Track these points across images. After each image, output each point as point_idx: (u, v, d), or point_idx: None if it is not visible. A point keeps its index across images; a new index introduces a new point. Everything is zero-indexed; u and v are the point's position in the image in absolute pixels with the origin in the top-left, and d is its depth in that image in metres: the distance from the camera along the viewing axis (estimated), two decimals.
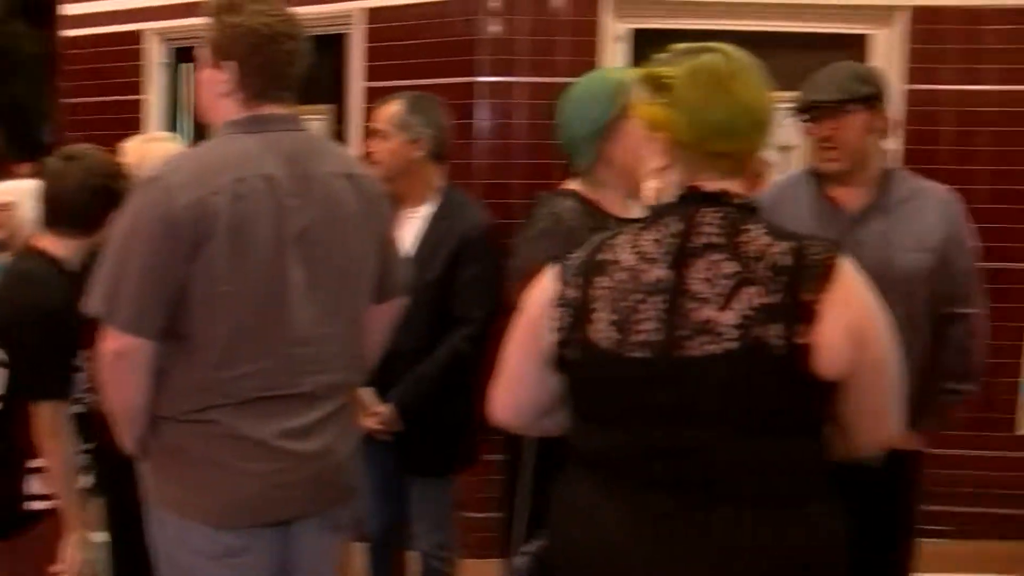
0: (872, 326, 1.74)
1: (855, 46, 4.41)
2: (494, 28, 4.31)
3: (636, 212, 1.86)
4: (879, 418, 1.82)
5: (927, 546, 2.96)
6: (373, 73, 4.51)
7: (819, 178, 2.84)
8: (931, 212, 2.79)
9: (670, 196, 1.79)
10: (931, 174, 3.01)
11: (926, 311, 2.76)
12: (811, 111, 2.78)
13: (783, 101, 2.87)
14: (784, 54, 4.17)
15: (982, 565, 4.20)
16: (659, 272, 1.73)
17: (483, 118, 4.30)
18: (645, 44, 1.87)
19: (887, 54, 4.39)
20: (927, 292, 2.75)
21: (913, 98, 4.34)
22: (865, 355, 1.72)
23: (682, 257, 1.73)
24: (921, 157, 4.11)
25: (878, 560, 2.87)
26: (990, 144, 4.37)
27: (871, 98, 2.76)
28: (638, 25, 4.35)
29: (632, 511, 1.74)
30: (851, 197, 2.80)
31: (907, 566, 2.94)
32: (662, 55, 1.83)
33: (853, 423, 1.79)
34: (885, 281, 2.62)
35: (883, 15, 4.43)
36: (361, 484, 2.44)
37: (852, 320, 1.69)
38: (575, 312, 1.77)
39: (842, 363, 1.69)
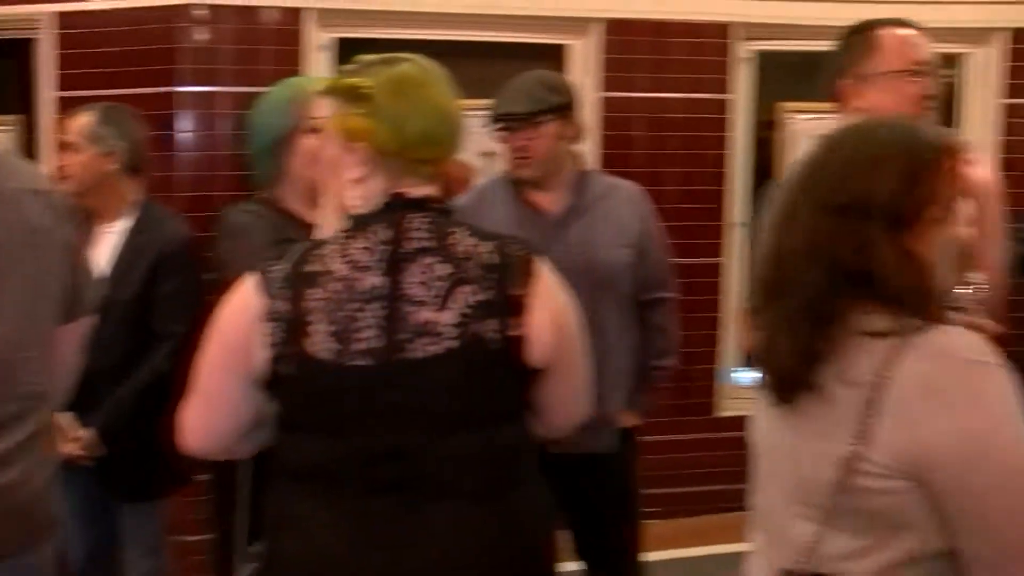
0: (567, 316, 1.86)
1: (553, 56, 4.60)
2: (195, 36, 4.18)
3: (329, 221, 1.86)
4: (573, 402, 1.95)
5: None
6: (65, 82, 4.26)
7: (516, 184, 2.94)
8: (625, 208, 2.97)
9: (372, 204, 1.80)
10: (626, 177, 3.20)
11: (631, 300, 2.95)
12: (504, 122, 2.87)
13: (486, 109, 2.97)
14: (486, 64, 4.29)
15: (690, 540, 4.47)
16: (374, 279, 1.74)
17: (184, 129, 4.17)
18: (350, 53, 1.88)
19: (583, 64, 4.59)
20: (630, 283, 2.94)
21: (608, 105, 4.57)
22: (563, 343, 1.83)
23: (395, 263, 1.75)
24: (617, 161, 4.34)
25: (606, 542, 3.04)
26: (678, 148, 4.66)
27: (562, 107, 2.89)
28: (342, 35, 4.35)
29: (353, 519, 1.74)
30: (549, 201, 2.92)
31: (635, 546, 3.11)
32: (348, 66, 1.85)
33: (550, 407, 1.89)
34: (595, 277, 2.82)
35: (579, 26, 4.63)
36: (63, 515, 2.31)
37: (553, 311, 1.80)
38: (288, 326, 1.74)
39: (547, 352, 1.79)
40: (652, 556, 3.27)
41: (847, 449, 1.47)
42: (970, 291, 1.89)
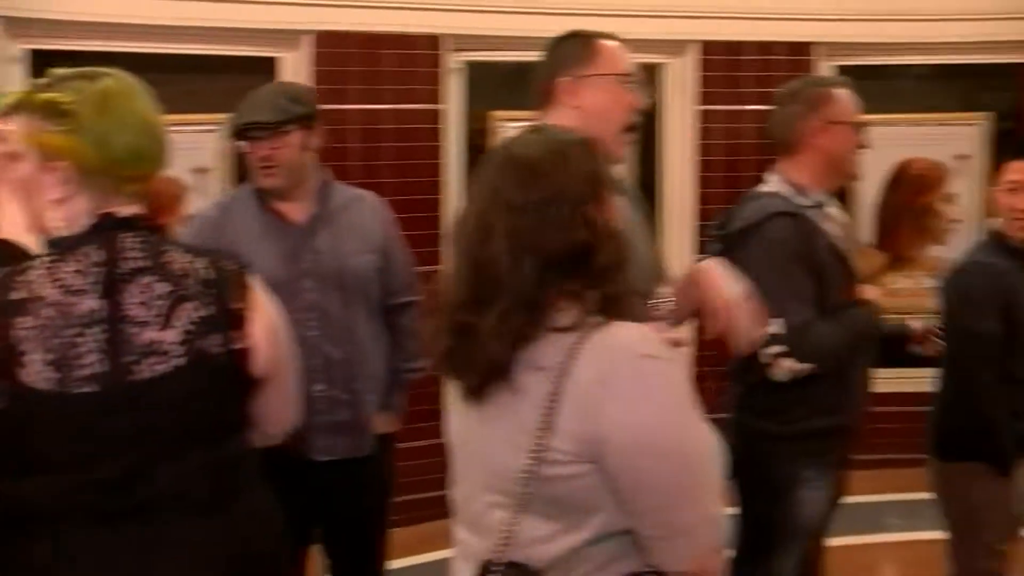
0: (279, 327, 1.90)
1: (264, 69, 4.54)
2: None
3: (32, 244, 1.77)
4: (286, 408, 1.99)
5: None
6: None
7: (261, 194, 2.92)
8: (368, 216, 3.03)
9: (78, 226, 1.74)
10: None
11: (380, 305, 3.01)
12: (249, 132, 2.84)
13: (200, 123, 2.91)
14: (198, 77, 4.19)
15: (430, 545, 4.52)
16: (91, 303, 1.70)
17: None
18: (46, 66, 1.78)
19: (294, 76, 4.56)
20: (378, 288, 2.99)
21: (322, 118, 4.55)
22: (278, 353, 1.88)
23: (112, 284, 1.71)
24: (334, 173, 4.33)
25: (356, 548, 3.06)
26: (393, 159, 4.73)
27: (305, 117, 2.90)
28: (36, 46, 4.14)
29: (84, 555, 1.69)
30: (295, 210, 2.93)
31: (382, 554, 3.13)
32: (42, 80, 1.78)
33: (266, 415, 1.92)
34: (345, 284, 2.87)
35: (290, 39, 4.61)
36: None
37: (267, 322, 1.84)
38: None
39: (266, 361, 1.83)
40: (394, 563, 3.29)
41: (534, 438, 1.56)
42: (658, 303, 2.08)
